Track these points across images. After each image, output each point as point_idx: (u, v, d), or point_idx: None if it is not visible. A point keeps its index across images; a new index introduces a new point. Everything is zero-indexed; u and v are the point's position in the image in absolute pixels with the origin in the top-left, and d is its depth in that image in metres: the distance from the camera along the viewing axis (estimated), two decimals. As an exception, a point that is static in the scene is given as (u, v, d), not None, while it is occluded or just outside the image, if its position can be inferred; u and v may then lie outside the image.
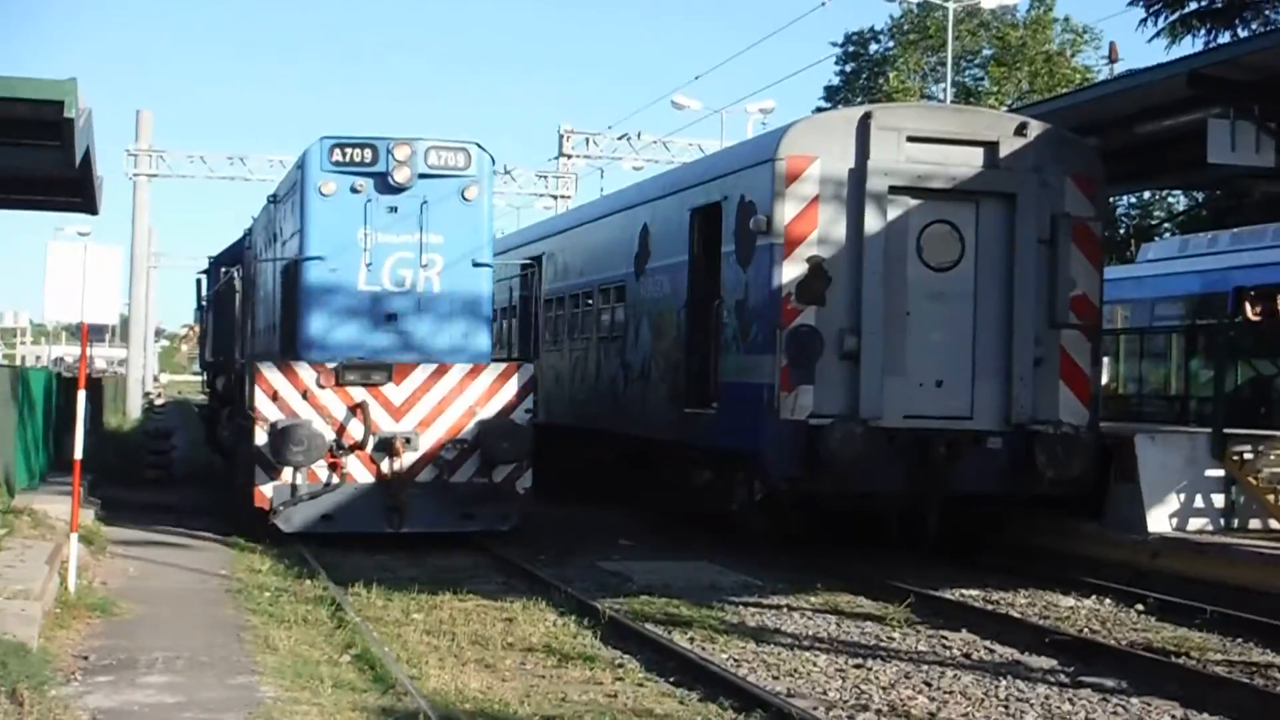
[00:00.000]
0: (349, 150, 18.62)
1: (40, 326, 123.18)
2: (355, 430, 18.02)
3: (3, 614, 10.20)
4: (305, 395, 18.04)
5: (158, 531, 18.87)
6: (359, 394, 18.08)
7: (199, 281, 32.24)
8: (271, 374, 18.10)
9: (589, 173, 49.80)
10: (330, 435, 17.90)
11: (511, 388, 18.57)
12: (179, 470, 27.10)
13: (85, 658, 10.67)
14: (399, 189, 18.61)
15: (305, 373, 18.10)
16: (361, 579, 14.43)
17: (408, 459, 18.10)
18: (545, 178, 48.96)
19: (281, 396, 18.00)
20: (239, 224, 37.71)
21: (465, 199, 18.83)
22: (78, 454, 14.17)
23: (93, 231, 44.33)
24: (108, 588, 13.96)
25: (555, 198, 48.25)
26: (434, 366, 18.39)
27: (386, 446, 18.05)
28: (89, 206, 18.45)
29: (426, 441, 18.22)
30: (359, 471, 18.08)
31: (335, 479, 17.97)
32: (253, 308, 22.04)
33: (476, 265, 18.91)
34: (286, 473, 17.81)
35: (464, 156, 18.89)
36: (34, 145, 14.12)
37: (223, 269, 25.80)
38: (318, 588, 14.27)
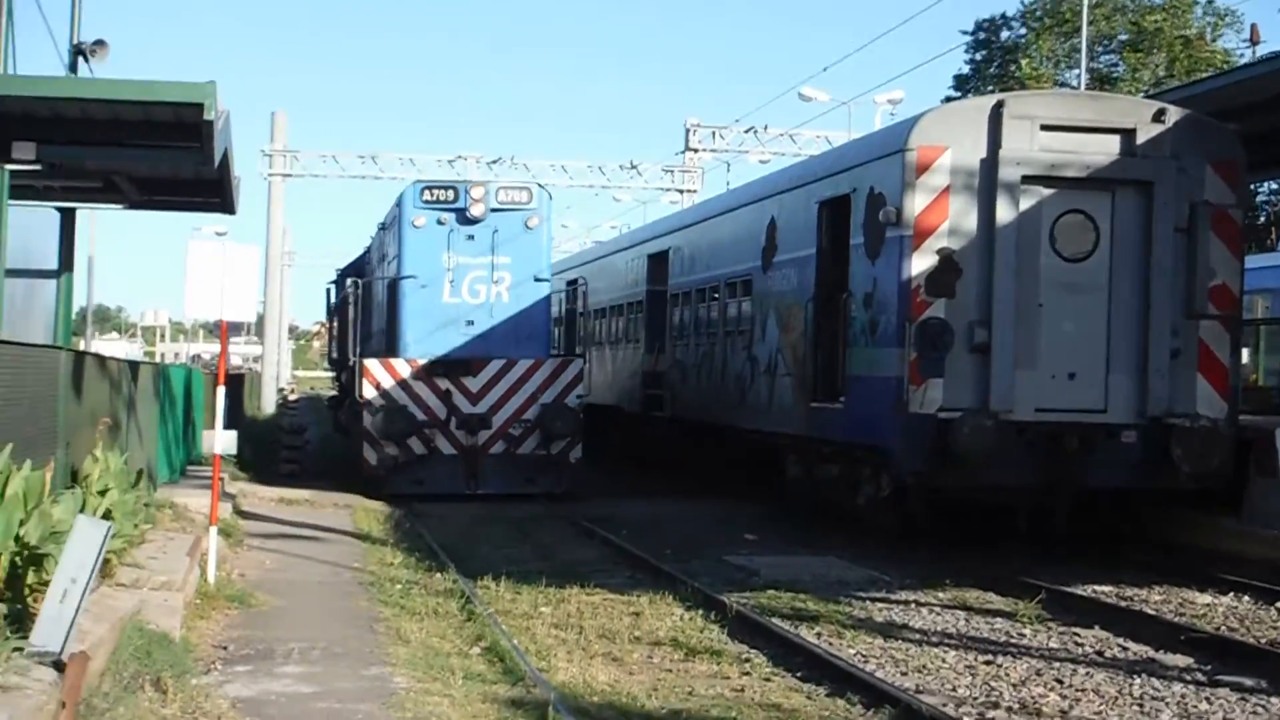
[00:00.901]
0: (435, 191, 23.55)
1: (178, 324, 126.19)
2: (441, 412, 22.66)
3: (147, 604, 10.47)
4: (402, 385, 22.72)
5: (293, 525, 19.29)
6: (445, 384, 22.75)
7: (328, 291, 40.25)
8: (375, 368, 22.85)
9: (715, 167, 49.70)
10: (422, 416, 22.60)
11: (565, 378, 23.04)
12: (312, 464, 27.69)
13: (224, 648, 10.92)
14: (475, 221, 23.37)
15: (402, 367, 22.88)
16: (490, 573, 14.59)
17: (483, 435, 22.77)
18: (671, 172, 48.93)
19: (383, 386, 22.67)
20: (370, 221, 38.68)
21: (528, 228, 23.50)
22: (218, 449, 14.48)
23: (228, 231, 45.24)
24: (245, 579, 14.31)
25: (681, 192, 48.22)
26: (504, 361, 22.94)
27: (466, 425, 22.72)
28: (226, 207, 18.83)
29: (498, 421, 22.83)
30: (444, 445, 22.77)
31: (426, 451, 22.58)
32: (367, 315, 26.04)
33: (537, 280, 23.68)
34: (388, 446, 22.34)
35: (526, 194, 23.70)
36: (175, 147, 14.42)
37: (347, 280, 30.36)
38: (447, 581, 14.46)
